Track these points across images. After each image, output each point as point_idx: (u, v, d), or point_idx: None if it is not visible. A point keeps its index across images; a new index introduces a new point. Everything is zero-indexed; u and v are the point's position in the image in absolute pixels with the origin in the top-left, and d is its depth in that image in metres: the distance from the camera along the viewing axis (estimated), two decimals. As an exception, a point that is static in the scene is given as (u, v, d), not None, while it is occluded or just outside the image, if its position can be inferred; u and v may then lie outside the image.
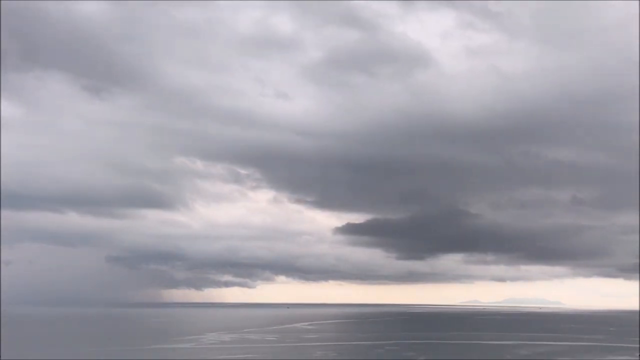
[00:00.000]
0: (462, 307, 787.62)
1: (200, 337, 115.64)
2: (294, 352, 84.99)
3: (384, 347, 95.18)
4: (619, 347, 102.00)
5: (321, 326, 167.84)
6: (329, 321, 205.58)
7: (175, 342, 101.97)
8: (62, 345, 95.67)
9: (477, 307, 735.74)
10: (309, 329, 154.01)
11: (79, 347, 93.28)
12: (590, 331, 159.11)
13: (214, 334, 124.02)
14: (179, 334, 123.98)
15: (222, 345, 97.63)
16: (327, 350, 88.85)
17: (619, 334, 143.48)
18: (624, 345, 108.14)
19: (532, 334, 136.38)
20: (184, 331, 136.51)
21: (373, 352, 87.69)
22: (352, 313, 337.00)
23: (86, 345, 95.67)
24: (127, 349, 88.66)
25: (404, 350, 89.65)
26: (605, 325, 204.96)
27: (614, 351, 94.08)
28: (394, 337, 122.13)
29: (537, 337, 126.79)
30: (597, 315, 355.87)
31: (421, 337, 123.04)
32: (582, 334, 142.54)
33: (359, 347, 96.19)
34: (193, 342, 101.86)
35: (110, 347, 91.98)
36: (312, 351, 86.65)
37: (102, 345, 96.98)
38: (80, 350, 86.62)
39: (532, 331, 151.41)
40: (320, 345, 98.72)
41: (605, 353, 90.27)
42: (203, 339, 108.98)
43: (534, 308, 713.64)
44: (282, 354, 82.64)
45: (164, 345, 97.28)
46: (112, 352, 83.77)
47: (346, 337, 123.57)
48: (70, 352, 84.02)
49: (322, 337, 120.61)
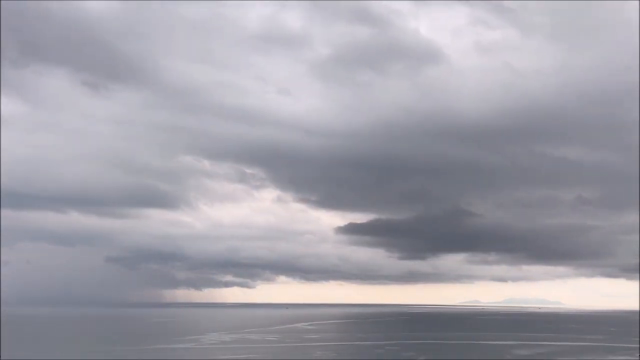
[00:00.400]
0: (462, 307, 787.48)
1: (201, 337, 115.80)
2: (295, 352, 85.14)
3: (384, 347, 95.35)
4: (619, 347, 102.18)
5: (321, 326, 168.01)
6: (329, 321, 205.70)
7: (176, 342, 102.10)
8: (62, 345, 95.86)
9: (477, 308, 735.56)
10: (310, 329, 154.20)
11: (79, 347, 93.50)
12: (590, 331, 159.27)
13: (214, 334, 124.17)
14: (180, 334, 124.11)
15: (223, 345, 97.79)
16: (327, 350, 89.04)
17: (620, 334, 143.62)
18: (624, 345, 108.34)
19: (532, 334, 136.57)
20: (184, 331, 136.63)
21: (373, 352, 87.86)
22: (352, 313, 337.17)
23: (88, 345, 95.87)
24: (128, 349, 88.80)
25: (404, 350, 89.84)
26: (605, 325, 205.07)
27: (614, 351, 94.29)
28: (394, 337, 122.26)
29: (537, 337, 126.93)
30: (597, 316, 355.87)
31: (421, 337, 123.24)
32: (582, 334, 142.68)
33: (360, 347, 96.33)
34: (193, 342, 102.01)
35: (111, 347, 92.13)
36: (313, 351, 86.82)
37: (103, 345, 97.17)
38: (81, 350, 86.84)
39: (532, 331, 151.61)
40: (321, 345, 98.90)
41: (605, 353, 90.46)
42: (203, 339, 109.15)
43: (533, 308, 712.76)
44: (282, 354, 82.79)
45: (164, 345, 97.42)
46: (113, 352, 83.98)
47: (346, 337, 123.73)
48: (70, 352, 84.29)
49: (322, 337, 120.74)
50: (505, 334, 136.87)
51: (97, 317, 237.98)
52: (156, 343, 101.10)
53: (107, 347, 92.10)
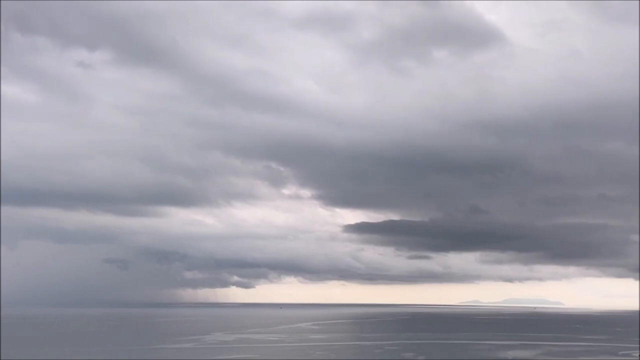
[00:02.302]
0: (462, 307, 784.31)
1: (205, 336, 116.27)
2: (296, 352, 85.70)
3: (384, 347, 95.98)
4: (619, 347, 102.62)
5: (325, 326, 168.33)
6: (331, 321, 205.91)
7: (179, 342, 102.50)
8: (62, 345, 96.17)
9: (477, 308, 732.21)
10: (313, 328, 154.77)
11: (79, 347, 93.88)
12: (590, 332, 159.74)
13: (218, 334, 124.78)
14: (185, 334, 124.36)
15: (227, 345, 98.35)
16: (327, 350, 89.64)
17: (623, 334, 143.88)
18: (624, 345, 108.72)
19: (532, 334, 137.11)
20: (189, 331, 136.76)
21: (373, 352, 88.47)
22: (353, 313, 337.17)
23: (88, 346, 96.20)
24: (136, 349, 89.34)
25: (404, 351, 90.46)
26: (604, 325, 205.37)
27: (614, 351, 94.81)
28: (393, 337, 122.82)
29: (537, 337, 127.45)
30: (596, 315, 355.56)
31: (421, 337, 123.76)
32: (578, 334, 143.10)
33: (360, 348, 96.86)
34: (197, 342, 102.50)
35: (117, 347, 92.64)
36: (314, 351, 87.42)
37: (105, 345, 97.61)
38: (81, 350, 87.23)
39: (532, 331, 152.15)
40: (322, 345, 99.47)
41: (604, 353, 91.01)
42: (206, 339, 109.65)
43: (528, 308, 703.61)
44: (285, 354, 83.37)
45: (170, 345, 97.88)
46: (119, 352, 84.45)
47: (348, 337, 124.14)
48: (70, 352, 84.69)
49: (325, 337, 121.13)
50: (503, 334, 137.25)
51: (103, 317, 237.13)
52: (162, 343, 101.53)
53: (108, 348, 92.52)
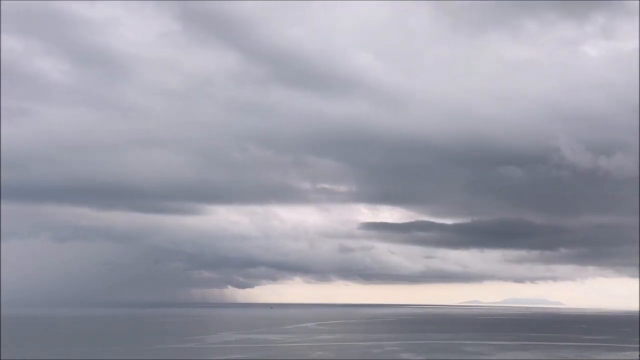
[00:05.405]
0: (462, 307, 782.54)
1: (210, 336, 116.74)
2: (298, 352, 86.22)
3: (384, 347, 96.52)
4: (619, 347, 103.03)
5: (329, 326, 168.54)
6: (336, 321, 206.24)
7: (184, 342, 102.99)
8: (62, 345, 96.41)
9: (477, 308, 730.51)
10: (318, 329, 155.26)
11: (79, 347, 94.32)
12: (588, 332, 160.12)
13: (226, 333, 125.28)
14: (191, 334, 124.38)
15: (236, 345, 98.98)
16: (327, 350, 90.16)
17: (624, 335, 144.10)
18: (625, 345, 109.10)
19: (532, 335, 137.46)
20: (195, 331, 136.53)
21: (373, 352, 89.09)
22: (355, 314, 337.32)
23: (89, 345, 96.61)
24: (146, 349, 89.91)
25: (403, 351, 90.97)
26: (604, 325, 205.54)
27: (613, 351, 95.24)
28: (394, 337, 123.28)
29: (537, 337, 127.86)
30: (595, 315, 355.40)
31: (420, 337, 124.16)
32: (579, 335, 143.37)
33: (360, 347, 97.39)
34: (199, 342, 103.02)
35: (126, 347, 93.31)
36: (315, 350, 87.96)
37: (106, 345, 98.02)
38: (81, 351, 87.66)
39: (531, 331, 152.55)
40: (323, 345, 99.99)
41: (605, 353, 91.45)
42: (207, 339, 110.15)
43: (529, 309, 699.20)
44: (289, 354, 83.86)
45: (177, 345, 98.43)
46: (126, 352, 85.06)
47: (349, 337, 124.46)
48: (71, 352, 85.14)
49: (327, 337, 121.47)
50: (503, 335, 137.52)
51: (112, 318, 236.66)
52: (170, 343, 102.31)
53: (109, 348, 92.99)
